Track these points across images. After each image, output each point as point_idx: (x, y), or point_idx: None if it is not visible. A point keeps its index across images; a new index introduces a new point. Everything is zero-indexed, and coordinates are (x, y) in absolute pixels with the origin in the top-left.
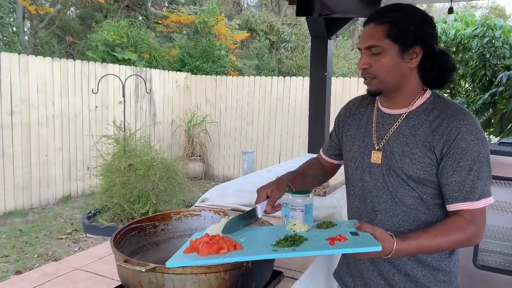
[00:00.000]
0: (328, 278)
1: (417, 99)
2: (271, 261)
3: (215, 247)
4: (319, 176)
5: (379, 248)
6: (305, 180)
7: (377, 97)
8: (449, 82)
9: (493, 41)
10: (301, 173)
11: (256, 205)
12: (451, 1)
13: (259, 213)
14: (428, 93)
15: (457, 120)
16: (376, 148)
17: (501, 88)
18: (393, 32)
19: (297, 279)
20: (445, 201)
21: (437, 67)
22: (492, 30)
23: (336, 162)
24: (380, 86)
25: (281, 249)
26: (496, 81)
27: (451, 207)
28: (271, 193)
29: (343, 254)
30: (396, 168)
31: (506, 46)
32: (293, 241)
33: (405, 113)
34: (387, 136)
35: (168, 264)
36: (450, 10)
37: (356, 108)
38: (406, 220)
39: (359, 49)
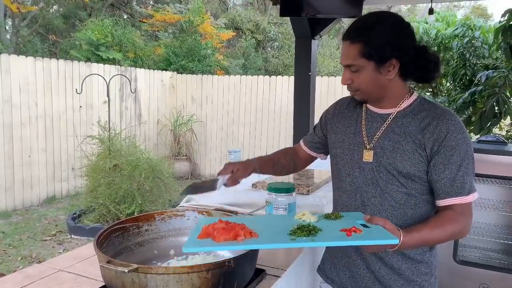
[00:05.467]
0: (311, 275)
1: (403, 101)
2: (254, 259)
3: (232, 233)
4: (290, 166)
5: (396, 241)
6: (275, 168)
7: None
8: (435, 78)
9: (472, 41)
10: (272, 160)
11: (218, 177)
12: (431, 2)
13: (219, 184)
14: (414, 96)
15: (446, 119)
16: (367, 147)
17: (480, 87)
18: (366, 51)
19: (279, 276)
20: (437, 197)
21: (419, 70)
22: (472, 30)
23: (313, 154)
24: (364, 97)
25: (299, 239)
26: (476, 80)
27: (443, 202)
28: (236, 171)
29: (327, 249)
30: (387, 164)
31: (485, 46)
32: (308, 231)
33: (394, 113)
34: (377, 134)
35: (185, 249)
36: (431, 11)
37: (346, 107)
38: (394, 214)
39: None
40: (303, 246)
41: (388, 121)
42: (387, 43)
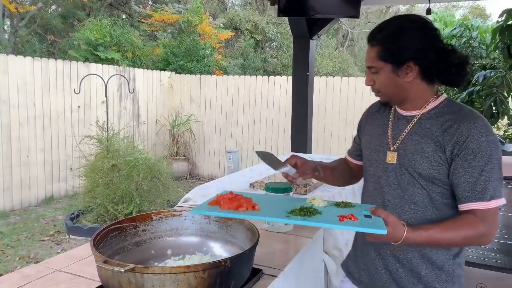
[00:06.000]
0: (308, 275)
1: (428, 103)
2: (250, 259)
3: (235, 204)
4: (346, 175)
5: (384, 232)
6: (333, 174)
7: None
8: (460, 81)
9: (470, 41)
10: (331, 167)
11: (287, 164)
12: (429, 2)
13: (283, 169)
14: (442, 98)
15: (468, 122)
16: (391, 149)
17: (478, 87)
18: (383, 53)
19: (276, 276)
20: (457, 201)
21: (441, 73)
22: (470, 30)
23: (359, 163)
24: (385, 98)
25: (294, 217)
26: (473, 80)
27: (463, 207)
28: (301, 165)
29: (352, 246)
30: (408, 166)
31: (482, 46)
32: (307, 212)
33: (418, 115)
34: (401, 136)
35: (192, 211)
36: (428, 11)
37: (377, 110)
38: (414, 217)
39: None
40: (293, 223)
41: (412, 123)
42: (402, 46)
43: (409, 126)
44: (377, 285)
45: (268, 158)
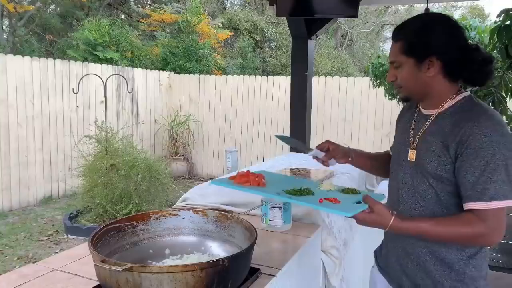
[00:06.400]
0: (306, 274)
1: (446, 102)
2: (248, 258)
3: (244, 179)
4: (384, 165)
5: (347, 215)
6: (373, 163)
7: None
8: (484, 80)
9: (468, 41)
10: (372, 156)
11: (314, 148)
12: (427, 2)
13: (311, 153)
14: (460, 96)
15: (472, 121)
16: (411, 147)
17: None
18: (406, 48)
19: (274, 275)
20: (462, 200)
21: (464, 70)
22: (468, 30)
23: None
24: (406, 94)
25: (283, 195)
26: None
27: (465, 206)
28: (333, 150)
29: (384, 238)
30: (420, 164)
31: (481, 46)
32: (300, 192)
33: (435, 114)
34: (419, 135)
35: (211, 182)
36: (426, 11)
37: (407, 109)
38: (423, 214)
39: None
40: (276, 199)
41: (429, 121)
42: (425, 41)
43: (426, 125)
44: (392, 276)
45: (293, 143)
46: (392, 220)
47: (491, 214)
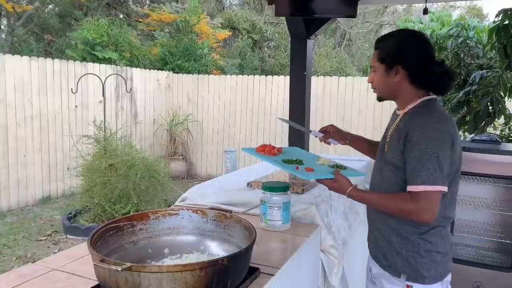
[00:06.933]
0: (305, 274)
1: (409, 104)
2: (247, 257)
3: (261, 148)
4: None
5: (307, 178)
6: (368, 147)
7: None
8: (448, 91)
9: (467, 41)
10: (366, 140)
11: (316, 131)
12: (426, 2)
13: (312, 133)
14: (420, 100)
15: (414, 120)
16: (386, 140)
17: (474, 87)
18: (380, 56)
19: (273, 275)
20: None
21: (428, 80)
22: (466, 30)
23: None
24: (379, 94)
25: (278, 162)
26: (470, 80)
27: (407, 189)
28: (332, 131)
29: (368, 222)
30: (387, 155)
31: (479, 46)
32: (291, 162)
33: (401, 114)
34: (390, 130)
35: (242, 149)
36: (425, 11)
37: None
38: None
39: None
40: (267, 161)
41: (397, 120)
42: (393, 52)
43: (396, 123)
44: (371, 249)
45: (296, 125)
46: (349, 189)
47: (422, 196)
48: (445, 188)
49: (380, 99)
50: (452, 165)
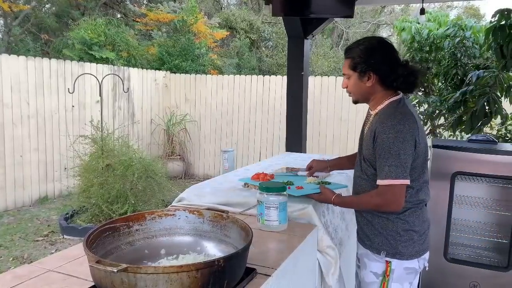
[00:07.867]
0: (302, 274)
1: (379, 105)
2: (244, 258)
3: (256, 176)
4: None
5: (294, 194)
6: (349, 162)
7: None
8: (414, 89)
9: (464, 41)
10: (346, 157)
11: (301, 170)
12: (423, 2)
13: (301, 173)
14: (388, 101)
15: (380, 122)
16: (363, 140)
17: (471, 87)
18: (352, 64)
19: (270, 275)
20: None
21: (396, 81)
22: (463, 30)
23: None
24: (355, 98)
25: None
26: (467, 80)
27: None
28: (313, 167)
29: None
30: (362, 152)
31: (476, 46)
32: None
33: (373, 114)
34: (365, 130)
35: (238, 180)
36: (422, 11)
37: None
38: (365, 184)
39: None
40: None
41: (370, 120)
42: (364, 60)
43: (369, 122)
44: (357, 234)
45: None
46: (333, 198)
47: (387, 189)
48: (407, 181)
49: (355, 102)
50: (418, 158)
